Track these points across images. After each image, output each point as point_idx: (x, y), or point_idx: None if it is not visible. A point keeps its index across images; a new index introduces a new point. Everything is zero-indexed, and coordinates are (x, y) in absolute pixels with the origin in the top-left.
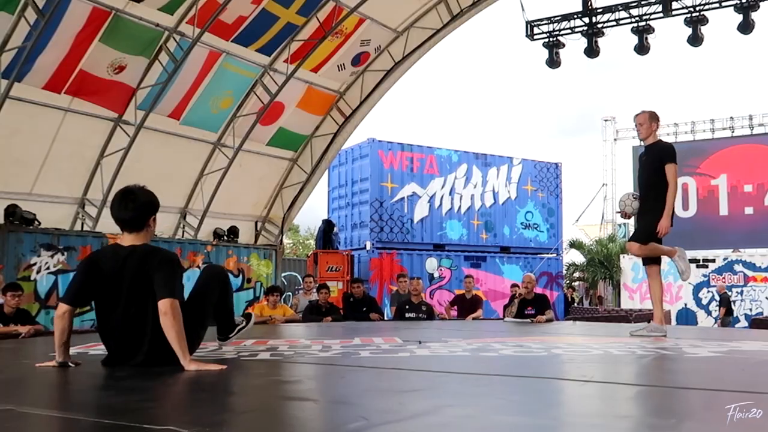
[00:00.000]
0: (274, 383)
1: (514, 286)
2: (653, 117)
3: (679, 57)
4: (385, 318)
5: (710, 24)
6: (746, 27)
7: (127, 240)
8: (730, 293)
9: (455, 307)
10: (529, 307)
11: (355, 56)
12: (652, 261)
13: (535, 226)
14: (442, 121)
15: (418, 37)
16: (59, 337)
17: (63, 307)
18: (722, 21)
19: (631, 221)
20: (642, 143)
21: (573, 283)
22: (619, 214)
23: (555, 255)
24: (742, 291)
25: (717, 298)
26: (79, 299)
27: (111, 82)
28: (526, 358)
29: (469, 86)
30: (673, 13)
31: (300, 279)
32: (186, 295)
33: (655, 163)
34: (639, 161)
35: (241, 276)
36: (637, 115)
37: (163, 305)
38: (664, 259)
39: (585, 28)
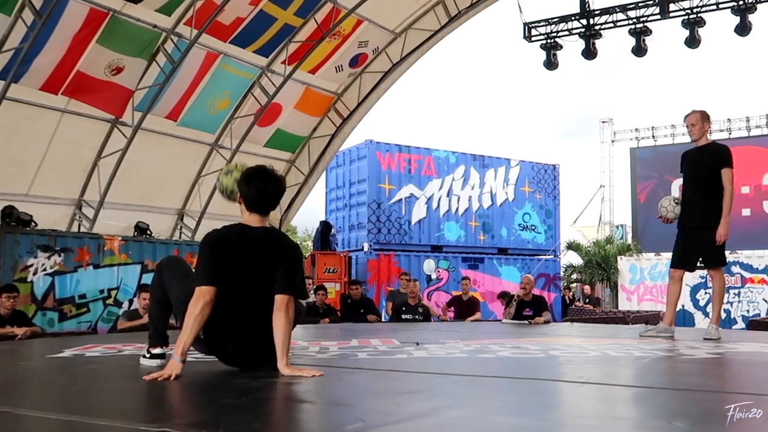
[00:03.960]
0: (271, 384)
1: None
2: (704, 117)
3: (677, 59)
4: (382, 317)
5: (707, 26)
6: (743, 29)
7: (255, 221)
8: (727, 294)
9: (452, 308)
10: (526, 308)
11: (352, 57)
12: (677, 265)
13: (533, 227)
14: (440, 122)
15: (416, 39)
16: (197, 329)
17: (209, 291)
18: (719, 23)
19: (628, 222)
20: (694, 143)
21: (571, 285)
22: (660, 219)
23: (553, 256)
24: (739, 293)
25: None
26: (216, 278)
27: (108, 83)
28: (524, 360)
29: (467, 88)
30: (671, 15)
31: None
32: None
33: (711, 166)
34: (685, 162)
35: None
36: (687, 115)
37: (283, 301)
38: (662, 260)
39: (582, 29)
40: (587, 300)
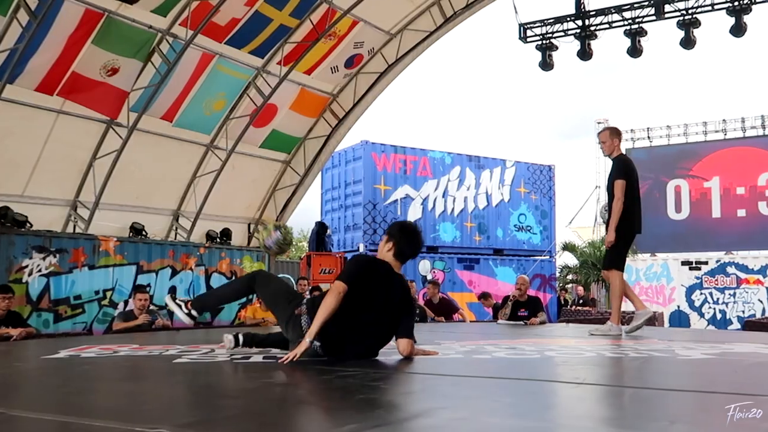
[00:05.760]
0: (267, 386)
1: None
2: (614, 132)
3: (672, 60)
4: None
5: (703, 27)
6: (738, 30)
7: (396, 266)
8: (722, 295)
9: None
10: (521, 309)
11: (348, 58)
12: (615, 266)
13: (529, 228)
14: (435, 123)
15: (412, 40)
16: (327, 316)
17: (341, 286)
18: (714, 24)
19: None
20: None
21: (566, 285)
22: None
23: (548, 257)
24: (734, 293)
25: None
26: (353, 284)
27: (104, 84)
28: (520, 361)
29: (463, 89)
30: (666, 16)
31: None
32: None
33: (613, 179)
34: None
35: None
36: (599, 133)
37: (408, 344)
38: (658, 261)
39: (578, 30)
40: (580, 301)
